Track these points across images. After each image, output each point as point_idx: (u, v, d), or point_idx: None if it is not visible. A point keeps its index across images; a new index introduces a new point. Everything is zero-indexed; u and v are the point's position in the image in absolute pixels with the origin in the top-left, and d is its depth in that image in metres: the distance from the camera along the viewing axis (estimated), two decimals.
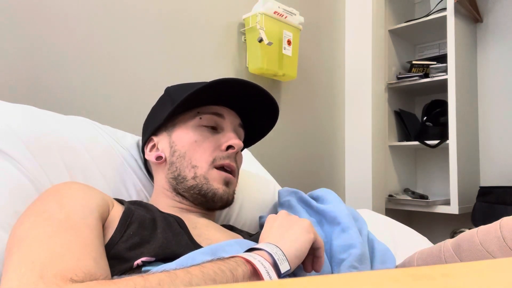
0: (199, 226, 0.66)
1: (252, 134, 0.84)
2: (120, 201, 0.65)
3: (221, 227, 0.72)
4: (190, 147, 0.70)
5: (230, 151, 0.70)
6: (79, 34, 1.02)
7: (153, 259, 0.53)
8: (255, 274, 0.48)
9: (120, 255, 0.53)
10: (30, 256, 0.45)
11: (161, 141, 0.74)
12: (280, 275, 0.49)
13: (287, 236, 0.55)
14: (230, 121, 0.74)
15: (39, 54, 0.95)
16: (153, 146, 0.75)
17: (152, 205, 0.65)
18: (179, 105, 0.69)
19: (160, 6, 1.21)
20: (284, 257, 0.51)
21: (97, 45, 1.06)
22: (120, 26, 1.11)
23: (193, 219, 0.67)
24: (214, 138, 0.71)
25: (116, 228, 0.56)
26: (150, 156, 0.74)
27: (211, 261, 0.47)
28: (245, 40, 1.45)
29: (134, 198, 0.79)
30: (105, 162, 0.77)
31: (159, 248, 0.54)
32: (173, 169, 0.70)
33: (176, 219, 0.62)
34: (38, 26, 0.94)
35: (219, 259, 0.48)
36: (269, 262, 0.49)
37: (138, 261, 0.52)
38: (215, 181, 0.68)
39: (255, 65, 1.41)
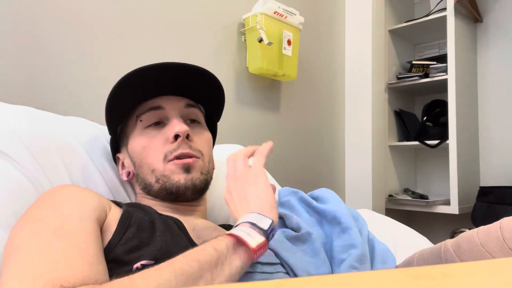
0: (198, 227, 0.66)
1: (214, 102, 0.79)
2: (118, 204, 0.65)
3: (220, 228, 0.72)
4: (142, 154, 0.69)
5: (179, 140, 0.68)
6: (78, 34, 1.02)
7: (152, 262, 0.52)
8: (239, 242, 0.48)
9: (119, 258, 0.52)
10: (25, 266, 0.45)
11: (125, 157, 0.74)
12: (266, 232, 0.49)
13: (250, 199, 0.55)
14: (171, 108, 0.71)
15: (38, 55, 0.95)
16: (122, 164, 0.75)
17: (150, 207, 0.65)
18: (109, 120, 0.71)
19: (160, 6, 1.21)
20: (260, 215, 0.51)
21: (97, 45, 1.06)
22: (120, 26, 1.11)
23: (192, 221, 0.67)
24: (161, 134, 0.69)
25: (115, 231, 0.56)
26: (123, 175, 0.75)
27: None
28: (245, 40, 1.45)
29: (133, 199, 0.79)
30: (104, 163, 0.77)
31: (158, 251, 0.54)
32: (140, 179, 0.71)
33: (175, 221, 0.62)
34: (37, 27, 0.94)
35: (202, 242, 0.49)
36: (248, 226, 0.49)
37: (138, 265, 0.51)
38: (174, 174, 0.67)
39: (255, 65, 1.41)
